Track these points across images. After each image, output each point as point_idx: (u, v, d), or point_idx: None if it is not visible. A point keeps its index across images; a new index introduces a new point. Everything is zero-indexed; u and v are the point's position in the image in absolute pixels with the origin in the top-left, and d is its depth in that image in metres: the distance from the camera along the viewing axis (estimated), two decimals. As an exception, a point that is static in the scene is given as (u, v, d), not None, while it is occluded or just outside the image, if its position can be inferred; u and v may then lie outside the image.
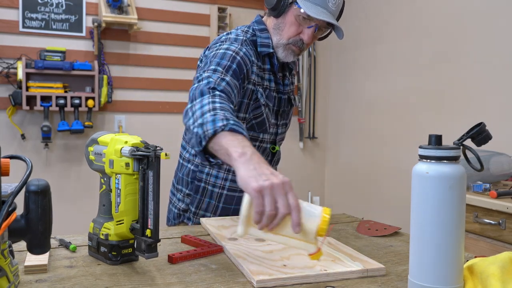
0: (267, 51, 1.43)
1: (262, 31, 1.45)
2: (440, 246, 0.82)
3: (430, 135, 0.85)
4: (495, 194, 1.74)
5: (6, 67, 2.97)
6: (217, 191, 1.49)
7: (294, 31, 1.38)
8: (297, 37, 1.39)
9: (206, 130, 1.04)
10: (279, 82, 1.50)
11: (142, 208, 0.97)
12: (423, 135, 1.43)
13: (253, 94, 1.39)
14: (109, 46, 3.26)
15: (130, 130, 3.30)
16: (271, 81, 1.47)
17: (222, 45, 1.36)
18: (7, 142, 3.03)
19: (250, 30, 1.45)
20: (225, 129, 1.02)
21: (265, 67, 1.45)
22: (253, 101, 1.40)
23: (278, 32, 1.41)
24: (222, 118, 1.04)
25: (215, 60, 1.29)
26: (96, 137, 1.08)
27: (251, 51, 1.38)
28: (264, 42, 1.43)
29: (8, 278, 0.77)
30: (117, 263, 1.01)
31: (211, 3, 3.52)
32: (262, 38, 1.44)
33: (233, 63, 1.29)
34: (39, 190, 0.76)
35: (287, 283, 0.92)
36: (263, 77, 1.44)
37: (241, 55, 1.33)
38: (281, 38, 1.40)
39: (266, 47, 1.43)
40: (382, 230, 1.36)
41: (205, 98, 1.12)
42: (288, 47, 1.41)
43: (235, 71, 1.29)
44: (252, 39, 1.43)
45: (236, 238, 1.20)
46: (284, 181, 0.89)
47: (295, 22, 1.37)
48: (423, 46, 2.85)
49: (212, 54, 1.34)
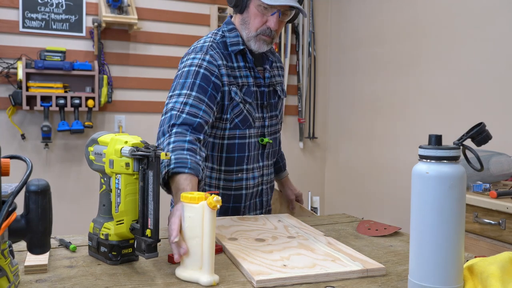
0: (238, 49, 1.48)
1: (231, 30, 1.51)
2: (440, 246, 0.82)
3: (430, 135, 0.85)
4: (495, 194, 1.74)
5: (6, 67, 2.97)
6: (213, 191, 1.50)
7: (259, 21, 1.44)
8: (264, 26, 1.44)
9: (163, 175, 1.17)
10: (258, 76, 1.53)
11: (142, 208, 0.97)
12: (423, 135, 1.43)
13: (228, 95, 1.44)
14: (109, 46, 3.26)
15: (130, 130, 3.30)
16: (248, 77, 1.50)
17: (187, 61, 1.44)
18: (7, 142, 3.03)
19: (220, 33, 1.52)
20: (169, 174, 1.15)
21: (239, 65, 1.49)
22: (228, 101, 1.44)
23: (245, 26, 1.47)
24: (165, 165, 1.16)
25: (180, 82, 1.39)
26: (96, 137, 1.08)
27: (216, 55, 1.44)
28: (233, 41, 1.49)
29: (8, 278, 0.77)
30: (117, 263, 1.01)
31: (211, 3, 3.52)
32: (231, 38, 1.49)
33: (197, 78, 1.38)
34: (39, 190, 0.76)
35: (287, 283, 0.92)
36: (236, 76, 1.48)
37: (204, 66, 1.40)
38: (250, 31, 1.46)
39: (236, 45, 1.48)
40: (382, 230, 1.36)
41: (164, 140, 1.27)
42: (259, 38, 1.46)
43: (200, 86, 1.37)
44: (221, 40, 1.49)
45: (236, 238, 1.20)
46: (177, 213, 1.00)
47: (258, 13, 1.43)
48: (423, 46, 2.85)
49: (179, 74, 1.44)
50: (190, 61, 1.43)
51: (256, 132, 1.51)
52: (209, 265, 0.91)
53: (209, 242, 0.91)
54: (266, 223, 1.37)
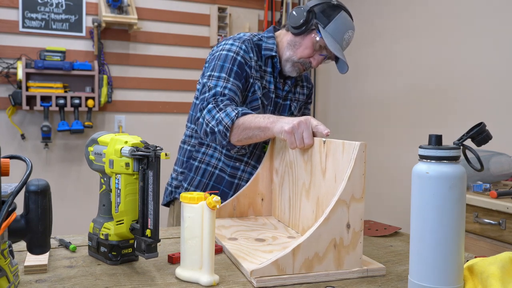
0: (269, 54, 1.56)
1: (270, 38, 1.58)
2: (440, 246, 0.82)
3: (430, 135, 0.85)
4: (495, 194, 1.74)
5: (6, 67, 2.97)
6: (209, 170, 1.59)
7: (308, 54, 1.52)
8: (307, 60, 1.54)
9: (225, 123, 1.32)
10: (279, 86, 1.60)
11: (142, 208, 0.97)
12: (423, 135, 1.43)
13: (251, 87, 1.51)
14: (109, 46, 3.26)
15: (130, 130, 3.30)
16: (271, 83, 1.58)
17: (225, 45, 1.52)
18: (7, 142, 3.03)
19: (258, 36, 1.59)
20: (239, 115, 1.32)
21: (266, 69, 1.57)
22: (251, 93, 1.51)
23: (292, 48, 1.54)
24: (232, 110, 1.33)
25: (219, 64, 1.48)
26: (96, 137, 1.08)
27: (249, 49, 1.51)
28: (268, 46, 1.57)
29: (8, 278, 0.77)
30: (117, 263, 1.01)
31: (211, 3, 3.52)
32: (268, 43, 1.57)
33: (234, 65, 1.47)
34: (39, 190, 0.76)
35: (287, 283, 0.92)
36: (263, 76, 1.56)
37: (241, 54, 1.49)
38: (294, 55, 1.53)
39: (269, 50, 1.56)
40: (382, 230, 1.36)
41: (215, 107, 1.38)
42: (296, 65, 1.55)
43: (237, 73, 1.46)
44: (257, 42, 1.57)
45: (236, 238, 1.20)
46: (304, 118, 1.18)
47: (311, 47, 1.51)
48: (423, 46, 2.85)
49: (217, 55, 1.51)
50: (228, 46, 1.50)
51: None
52: (209, 265, 0.91)
53: (209, 242, 0.91)
54: (265, 223, 1.37)
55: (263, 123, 1.27)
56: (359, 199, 0.98)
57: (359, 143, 0.98)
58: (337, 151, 1.06)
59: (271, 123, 1.25)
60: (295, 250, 0.93)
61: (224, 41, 1.54)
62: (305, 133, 1.16)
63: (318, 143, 1.16)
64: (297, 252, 0.93)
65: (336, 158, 1.06)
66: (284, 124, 1.20)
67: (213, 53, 1.54)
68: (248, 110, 1.34)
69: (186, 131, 1.66)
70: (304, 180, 1.22)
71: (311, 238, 0.94)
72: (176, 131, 3.39)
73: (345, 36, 1.50)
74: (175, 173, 1.68)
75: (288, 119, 1.21)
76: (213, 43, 3.49)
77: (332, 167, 1.07)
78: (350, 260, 0.98)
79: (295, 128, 1.17)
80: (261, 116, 1.30)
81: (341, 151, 1.04)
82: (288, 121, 1.20)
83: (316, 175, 1.15)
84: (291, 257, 0.93)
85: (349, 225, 0.97)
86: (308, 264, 0.95)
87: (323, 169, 1.12)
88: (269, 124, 1.25)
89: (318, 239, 0.95)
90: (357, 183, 0.98)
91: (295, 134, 1.17)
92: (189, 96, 3.49)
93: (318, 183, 1.14)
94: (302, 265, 0.94)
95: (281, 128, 1.21)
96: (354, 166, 0.97)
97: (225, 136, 1.33)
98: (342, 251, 0.97)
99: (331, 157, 1.08)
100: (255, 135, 1.31)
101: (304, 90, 1.72)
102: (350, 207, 0.97)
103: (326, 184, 1.10)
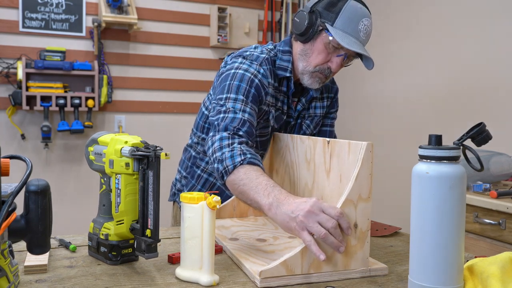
0: (283, 75, 1.40)
1: (285, 53, 1.41)
2: (440, 246, 0.82)
3: (430, 135, 0.85)
4: (495, 194, 1.74)
5: (6, 67, 2.97)
6: (211, 180, 1.54)
7: (323, 59, 1.34)
8: (324, 65, 1.35)
9: (226, 166, 1.15)
10: (291, 106, 1.47)
11: (142, 208, 0.97)
12: (423, 135, 1.43)
13: (265, 115, 1.38)
14: (109, 46, 3.26)
15: (130, 130, 3.30)
16: (284, 103, 1.44)
17: (242, 65, 1.36)
18: (7, 142, 3.03)
19: (275, 50, 1.43)
20: (244, 163, 1.13)
21: (281, 89, 1.43)
22: (263, 120, 1.39)
23: (305, 58, 1.37)
24: (240, 153, 1.15)
25: (235, 84, 1.31)
26: (96, 137, 1.08)
27: (268, 72, 1.37)
28: (282, 65, 1.40)
29: (8, 278, 0.77)
30: (117, 263, 1.01)
31: (211, 3, 3.52)
32: (283, 61, 1.40)
33: (252, 87, 1.31)
34: (39, 190, 0.76)
35: (289, 283, 0.92)
36: (278, 98, 1.42)
37: (259, 78, 1.34)
38: (308, 65, 1.36)
39: (284, 70, 1.40)
40: (382, 230, 1.37)
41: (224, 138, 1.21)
42: (315, 75, 1.37)
43: (254, 96, 1.31)
44: (273, 59, 1.41)
45: (237, 238, 1.20)
46: (312, 202, 0.95)
47: (324, 50, 1.33)
48: (423, 46, 2.85)
49: (232, 73, 1.34)
50: (245, 66, 1.35)
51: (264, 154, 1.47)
52: (209, 265, 0.91)
53: (209, 242, 0.91)
54: (266, 223, 1.37)
55: (262, 200, 1.04)
56: (366, 199, 0.98)
57: (366, 143, 0.98)
58: (342, 151, 1.05)
59: (270, 206, 1.02)
60: (303, 250, 0.93)
61: (241, 59, 1.38)
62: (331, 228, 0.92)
63: (322, 143, 1.15)
64: (305, 252, 0.93)
65: (342, 158, 1.05)
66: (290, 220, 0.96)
67: (227, 71, 1.37)
68: (256, 160, 1.15)
69: (193, 137, 1.57)
70: (306, 180, 1.22)
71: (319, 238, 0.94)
72: (176, 131, 3.39)
73: (359, 26, 1.28)
74: (179, 175, 1.64)
75: (290, 205, 0.98)
76: (213, 43, 3.49)
77: (337, 167, 1.07)
78: (357, 260, 0.98)
79: (306, 224, 0.93)
80: (264, 181, 1.07)
81: (346, 151, 1.03)
82: (292, 210, 0.96)
83: (320, 175, 1.15)
84: (300, 258, 0.93)
85: (356, 225, 0.97)
86: (316, 265, 0.95)
87: (327, 169, 1.12)
88: (267, 206, 1.02)
89: None
90: (364, 183, 0.98)
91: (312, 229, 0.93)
92: (189, 96, 3.49)
93: (322, 183, 1.14)
94: (311, 265, 0.94)
95: (287, 225, 0.98)
96: (361, 166, 0.97)
97: (222, 179, 1.18)
98: (350, 251, 0.97)
99: (335, 157, 1.08)
100: (252, 206, 1.11)
101: (324, 102, 1.55)
102: (358, 207, 0.97)
103: (331, 184, 1.10)
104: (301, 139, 1.26)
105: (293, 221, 0.95)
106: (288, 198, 1.00)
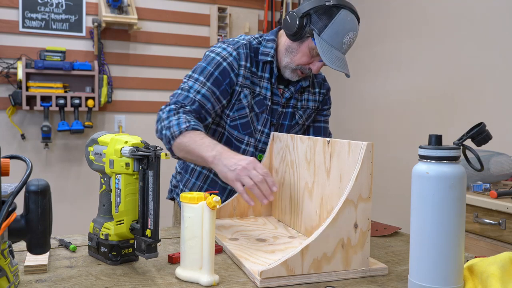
0: (265, 59, 1.48)
1: (269, 41, 1.50)
2: (440, 246, 0.82)
3: (430, 135, 0.85)
4: (495, 194, 1.74)
5: (6, 67, 2.97)
6: (204, 173, 1.55)
7: (305, 61, 1.44)
8: (306, 66, 1.45)
9: (172, 132, 1.30)
10: (276, 92, 1.51)
11: (142, 208, 0.97)
12: (423, 135, 1.43)
13: (238, 95, 1.46)
14: (109, 46, 3.26)
15: (130, 130, 3.30)
16: (267, 89, 1.49)
17: (218, 48, 1.48)
18: (7, 142, 3.03)
19: (260, 39, 1.52)
20: (188, 129, 1.29)
21: (263, 75, 1.49)
22: (237, 101, 1.46)
23: (289, 55, 1.45)
24: (185, 121, 1.31)
25: (202, 65, 1.45)
26: (96, 137, 1.08)
27: (243, 55, 1.45)
28: (265, 51, 1.48)
29: (8, 278, 0.77)
30: (117, 263, 1.01)
31: (211, 3, 3.52)
32: (266, 48, 1.49)
33: (216, 70, 1.43)
34: (39, 190, 0.76)
35: (289, 283, 0.92)
36: (255, 83, 1.48)
37: (229, 61, 1.44)
38: (291, 62, 1.45)
39: (265, 55, 1.48)
40: (382, 230, 1.37)
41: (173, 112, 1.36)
42: (295, 71, 1.47)
43: (217, 79, 1.43)
44: (256, 46, 1.49)
45: (237, 238, 1.20)
46: (248, 160, 1.16)
47: (308, 54, 1.42)
48: (423, 46, 2.85)
49: (206, 55, 1.48)
50: (219, 49, 1.46)
51: (254, 143, 1.50)
52: (209, 265, 0.91)
53: (209, 242, 0.91)
54: (266, 223, 1.37)
55: (206, 153, 1.22)
56: (367, 199, 0.98)
57: (366, 143, 0.98)
58: (342, 151, 1.05)
59: (213, 158, 1.20)
60: (303, 250, 0.93)
61: (220, 43, 1.50)
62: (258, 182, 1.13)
63: (322, 143, 1.15)
64: (305, 252, 0.93)
65: (342, 158, 1.05)
66: (228, 171, 1.17)
67: (206, 52, 1.50)
68: (199, 127, 1.31)
69: None
70: (306, 180, 1.22)
71: (319, 238, 0.94)
72: (176, 131, 3.39)
73: (344, 40, 1.36)
74: (174, 171, 1.68)
75: (230, 160, 1.18)
76: (213, 43, 3.49)
77: (337, 167, 1.07)
78: (357, 260, 0.98)
79: (240, 176, 1.14)
80: (208, 141, 1.26)
81: (347, 151, 1.03)
82: (231, 164, 1.16)
83: (320, 175, 1.15)
84: (300, 258, 0.93)
85: (356, 225, 0.97)
86: (316, 265, 0.95)
87: (327, 169, 1.12)
88: (211, 158, 1.21)
89: (326, 239, 0.95)
90: (364, 183, 0.98)
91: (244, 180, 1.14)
92: (189, 96, 3.49)
93: (322, 183, 1.14)
94: (311, 265, 0.94)
95: (225, 175, 1.18)
96: (362, 166, 0.97)
97: (168, 143, 1.32)
98: (350, 251, 0.97)
99: (335, 157, 1.08)
100: (197, 161, 1.30)
101: (316, 97, 1.61)
102: (358, 207, 0.97)
103: (331, 184, 1.10)
104: (301, 139, 1.26)
105: (232, 173, 1.16)
106: (229, 153, 1.21)
